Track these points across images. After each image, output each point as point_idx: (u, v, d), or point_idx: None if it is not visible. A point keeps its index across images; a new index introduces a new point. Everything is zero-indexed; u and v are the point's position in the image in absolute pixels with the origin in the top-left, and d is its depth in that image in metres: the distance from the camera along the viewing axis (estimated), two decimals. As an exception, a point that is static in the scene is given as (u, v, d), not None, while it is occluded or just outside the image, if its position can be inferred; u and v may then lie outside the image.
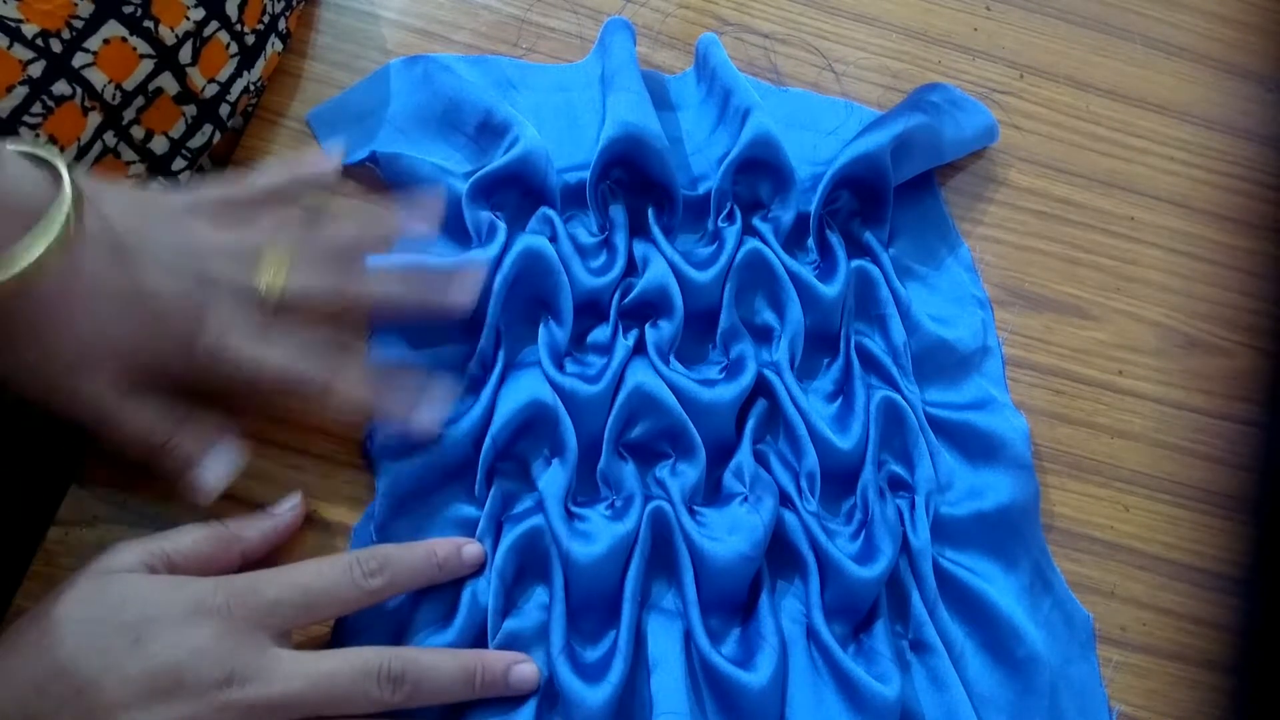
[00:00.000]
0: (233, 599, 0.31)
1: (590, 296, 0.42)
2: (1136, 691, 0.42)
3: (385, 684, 0.32)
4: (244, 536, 0.35)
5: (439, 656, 0.34)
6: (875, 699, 0.37)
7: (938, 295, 0.47)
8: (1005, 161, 0.52)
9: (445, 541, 0.36)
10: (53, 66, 0.34)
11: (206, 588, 0.32)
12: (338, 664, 0.32)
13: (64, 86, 0.35)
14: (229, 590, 0.32)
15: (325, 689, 0.31)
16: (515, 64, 0.48)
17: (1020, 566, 0.42)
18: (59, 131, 0.34)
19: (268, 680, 0.30)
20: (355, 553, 0.34)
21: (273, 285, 0.35)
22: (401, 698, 0.32)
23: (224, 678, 0.30)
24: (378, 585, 0.34)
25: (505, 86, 0.47)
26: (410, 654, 0.33)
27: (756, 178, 0.46)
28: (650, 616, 0.38)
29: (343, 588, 0.33)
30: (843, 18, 0.53)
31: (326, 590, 0.33)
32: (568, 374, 0.40)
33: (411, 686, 0.32)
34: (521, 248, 0.41)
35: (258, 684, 0.30)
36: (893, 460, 0.43)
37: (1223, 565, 0.45)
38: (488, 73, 0.47)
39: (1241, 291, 0.51)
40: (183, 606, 0.31)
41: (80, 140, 0.35)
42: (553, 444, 0.40)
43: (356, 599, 0.34)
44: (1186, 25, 0.58)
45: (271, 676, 0.30)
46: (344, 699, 0.31)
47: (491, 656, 0.35)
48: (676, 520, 0.39)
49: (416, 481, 0.38)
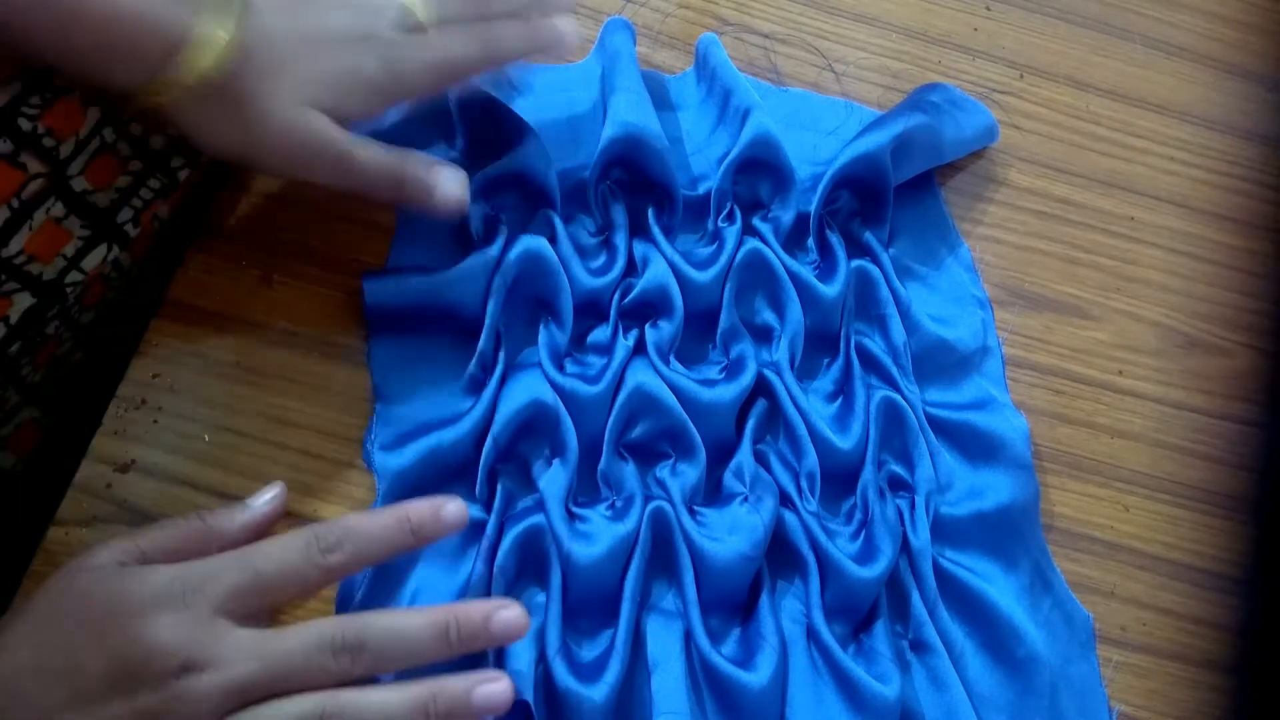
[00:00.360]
0: (189, 587, 0.31)
1: (590, 297, 0.42)
2: (1136, 691, 0.42)
3: (342, 655, 0.30)
4: (222, 531, 0.34)
5: (402, 616, 0.33)
6: (875, 699, 0.37)
7: (938, 295, 0.47)
8: (1005, 161, 0.52)
9: (419, 503, 0.33)
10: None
11: (165, 578, 0.31)
12: (290, 640, 0.31)
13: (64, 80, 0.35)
14: (185, 579, 0.31)
15: (280, 666, 0.30)
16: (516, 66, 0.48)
17: (1020, 566, 0.42)
18: (58, 125, 0.34)
19: (224, 665, 0.30)
20: (314, 527, 0.32)
21: (415, 4, 0.39)
22: (364, 667, 0.31)
23: (180, 666, 0.29)
24: (338, 561, 0.32)
25: (505, 88, 0.47)
26: (365, 619, 0.32)
27: (756, 178, 0.46)
28: (650, 617, 0.38)
29: (300, 566, 0.32)
30: (843, 18, 0.53)
31: (283, 571, 0.32)
32: (568, 374, 0.40)
33: (373, 654, 0.31)
34: (521, 249, 0.41)
35: (213, 670, 0.30)
36: (893, 460, 0.43)
37: (1223, 565, 0.45)
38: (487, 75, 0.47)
39: (1241, 291, 0.51)
40: (142, 598, 0.30)
41: (79, 134, 0.35)
42: (553, 444, 0.40)
43: (317, 579, 0.32)
44: (1186, 25, 0.58)
45: (228, 661, 0.30)
46: (300, 675, 0.30)
47: (467, 607, 0.32)
48: (677, 520, 0.39)
49: (417, 480, 0.38)
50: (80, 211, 0.36)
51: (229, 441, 0.38)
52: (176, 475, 0.38)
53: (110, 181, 0.37)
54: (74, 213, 0.36)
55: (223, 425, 0.39)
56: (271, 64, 0.35)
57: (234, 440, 0.38)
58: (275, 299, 0.41)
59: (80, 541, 0.36)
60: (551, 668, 0.35)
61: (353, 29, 0.37)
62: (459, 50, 0.39)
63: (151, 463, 0.38)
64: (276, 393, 0.40)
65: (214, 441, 0.38)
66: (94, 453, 0.37)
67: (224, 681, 0.30)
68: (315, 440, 0.39)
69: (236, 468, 0.38)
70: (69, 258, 0.37)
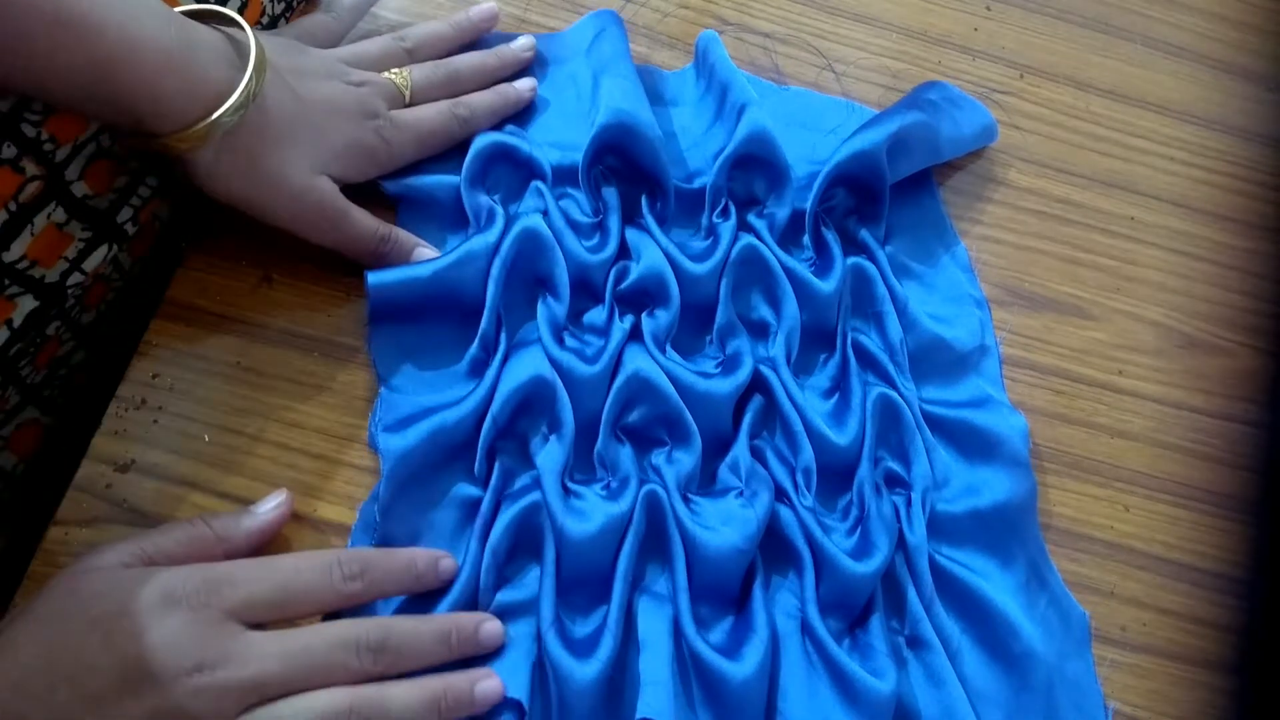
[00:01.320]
0: (205, 587, 0.31)
1: (585, 274, 0.42)
2: (1136, 691, 0.42)
3: (365, 654, 0.33)
4: (227, 536, 0.35)
5: (413, 623, 0.35)
6: (870, 693, 0.37)
7: (935, 294, 0.47)
8: (1005, 161, 0.52)
9: (424, 554, 0.37)
10: None
11: (177, 577, 0.31)
12: (311, 638, 0.32)
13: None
14: (202, 579, 0.32)
15: (301, 664, 0.31)
16: (497, 35, 0.48)
17: (1016, 563, 0.42)
18: (59, 131, 0.34)
19: (241, 663, 0.30)
20: (337, 553, 0.35)
21: (402, 79, 0.43)
22: (384, 666, 0.33)
23: (194, 665, 0.30)
24: (355, 589, 0.34)
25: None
26: (386, 623, 0.34)
27: (752, 174, 0.46)
28: (641, 599, 0.38)
29: (320, 589, 0.34)
30: (843, 18, 0.53)
31: (304, 590, 0.33)
32: (566, 349, 0.41)
33: (393, 654, 0.33)
34: (518, 230, 0.42)
35: (230, 667, 0.30)
36: (889, 457, 0.43)
37: (1223, 565, 0.45)
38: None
39: (1241, 291, 0.51)
40: (151, 597, 0.31)
41: (77, 140, 0.35)
42: (550, 421, 0.40)
43: (333, 601, 0.34)
44: (1186, 25, 0.58)
45: (244, 658, 0.31)
46: (323, 672, 0.32)
47: (462, 618, 0.36)
48: (670, 506, 0.39)
49: (420, 461, 0.38)
50: (81, 215, 0.37)
51: (229, 441, 0.39)
52: (176, 475, 0.38)
53: (109, 185, 0.37)
54: (75, 218, 0.36)
55: (223, 425, 0.39)
56: (289, 128, 0.38)
57: (234, 440, 0.39)
58: (275, 299, 0.41)
59: (80, 541, 0.36)
60: (545, 641, 0.36)
61: (357, 105, 0.41)
62: (440, 125, 0.43)
63: (151, 463, 0.38)
64: (276, 393, 0.40)
65: (214, 441, 0.38)
66: (94, 453, 0.37)
67: (242, 678, 0.30)
68: (315, 440, 0.39)
69: (236, 468, 0.38)
70: (71, 259, 0.37)
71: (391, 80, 0.43)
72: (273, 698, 0.31)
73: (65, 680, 0.29)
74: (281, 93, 0.38)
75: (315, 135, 0.39)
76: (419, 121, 0.43)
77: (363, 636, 0.33)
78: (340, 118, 0.40)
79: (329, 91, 0.40)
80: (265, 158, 0.38)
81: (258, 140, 0.37)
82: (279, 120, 0.38)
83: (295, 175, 0.39)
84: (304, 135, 0.39)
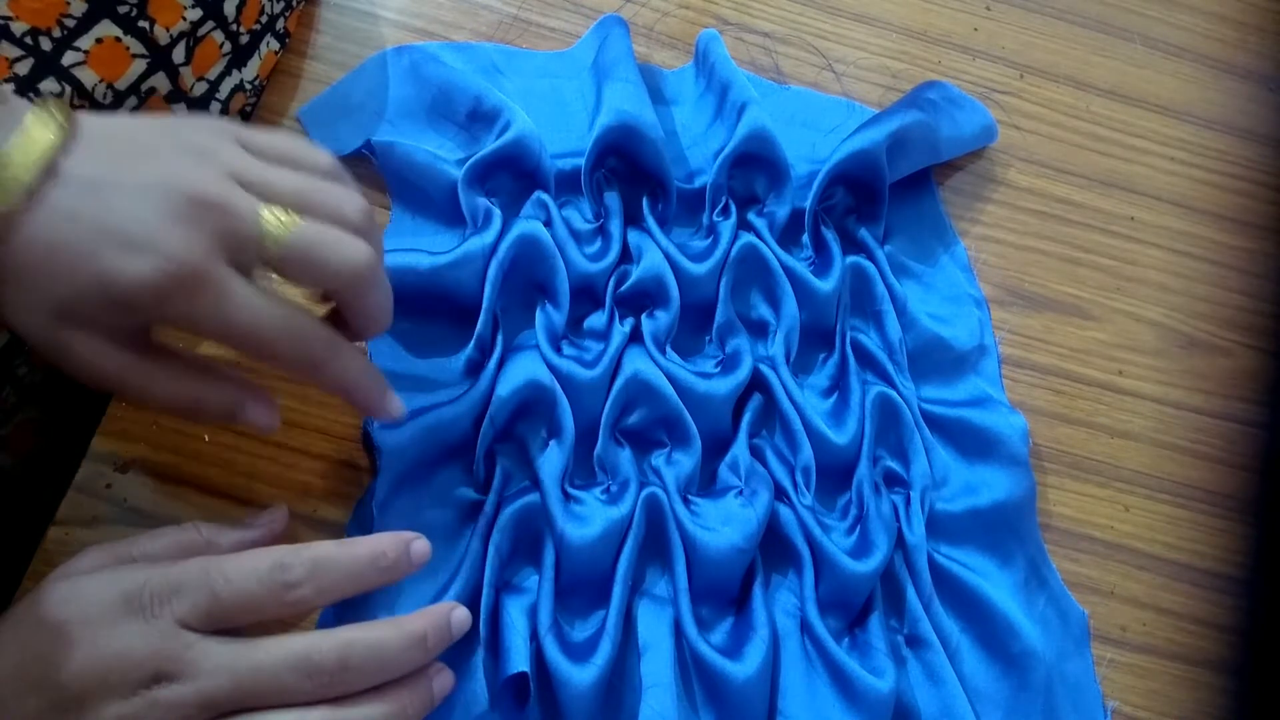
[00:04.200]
0: (156, 597, 0.30)
1: (586, 281, 0.42)
2: (1136, 691, 0.42)
3: (319, 676, 0.30)
4: (216, 545, 0.34)
5: (379, 631, 0.31)
6: (869, 692, 0.37)
7: (934, 294, 0.47)
8: (1005, 161, 0.52)
9: (391, 539, 0.33)
10: (41, 64, 0.34)
11: (136, 582, 0.30)
12: (262, 657, 0.30)
13: (52, 84, 0.35)
14: (153, 587, 0.30)
15: (250, 685, 0.29)
16: (501, 50, 0.48)
17: (1015, 562, 0.42)
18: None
19: (192, 677, 0.29)
20: (283, 554, 0.31)
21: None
22: (341, 688, 0.30)
23: (149, 676, 0.29)
24: (298, 597, 0.31)
25: (491, 72, 0.47)
26: (346, 638, 0.31)
27: (752, 173, 0.46)
28: (642, 602, 0.38)
29: (258, 597, 0.30)
30: (843, 18, 0.53)
31: (238, 598, 0.30)
32: (565, 356, 0.40)
33: (355, 674, 0.30)
34: (517, 234, 0.41)
35: (182, 682, 0.29)
36: (888, 456, 0.43)
37: (1223, 565, 0.45)
38: (473, 59, 0.47)
39: (1241, 291, 0.51)
40: (112, 606, 0.30)
41: None
42: (550, 426, 0.40)
43: (275, 611, 0.31)
44: (1186, 25, 0.58)
45: (196, 672, 0.29)
46: (273, 693, 0.30)
47: (432, 612, 0.32)
48: (670, 508, 0.39)
49: (417, 459, 0.38)
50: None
51: (229, 441, 0.38)
52: (176, 475, 0.38)
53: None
54: None
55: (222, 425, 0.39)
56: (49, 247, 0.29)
57: (234, 440, 0.39)
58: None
59: (80, 541, 0.36)
60: (542, 645, 0.35)
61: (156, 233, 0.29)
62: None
63: (151, 463, 0.38)
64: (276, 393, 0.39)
65: (214, 441, 0.38)
66: (94, 453, 0.37)
67: (196, 694, 0.29)
68: (315, 440, 0.39)
69: (236, 468, 0.38)
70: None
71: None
72: (226, 713, 0.29)
73: (33, 688, 0.29)
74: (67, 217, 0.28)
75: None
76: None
77: (314, 657, 0.30)
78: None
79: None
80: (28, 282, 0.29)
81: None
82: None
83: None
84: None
